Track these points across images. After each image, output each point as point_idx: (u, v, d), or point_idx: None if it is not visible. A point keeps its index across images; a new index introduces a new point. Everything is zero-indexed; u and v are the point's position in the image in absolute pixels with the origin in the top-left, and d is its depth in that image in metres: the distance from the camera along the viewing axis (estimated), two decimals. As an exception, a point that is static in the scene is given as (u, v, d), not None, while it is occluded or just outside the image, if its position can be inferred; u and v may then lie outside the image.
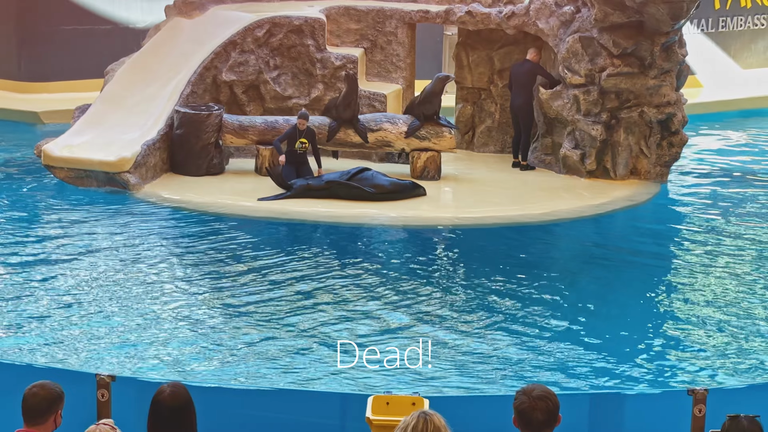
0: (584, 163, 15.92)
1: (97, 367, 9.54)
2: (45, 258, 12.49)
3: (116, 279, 11.90)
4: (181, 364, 9.90)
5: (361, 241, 13.78)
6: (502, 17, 16.55)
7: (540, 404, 4.90)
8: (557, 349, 10.35)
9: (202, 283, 11.90)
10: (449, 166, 16.23)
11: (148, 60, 16.65)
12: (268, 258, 12.70)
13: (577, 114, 15.84)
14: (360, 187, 14.64)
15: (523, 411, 4.90)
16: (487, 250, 13.48)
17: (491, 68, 17.46)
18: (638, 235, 14.18)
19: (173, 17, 17.34)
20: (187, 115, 15.59)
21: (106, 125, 15.67)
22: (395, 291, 11.76)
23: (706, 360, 10.25)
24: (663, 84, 15.69)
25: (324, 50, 16.76)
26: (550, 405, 4.91)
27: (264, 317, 10.99)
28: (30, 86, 21.70)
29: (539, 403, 4.90)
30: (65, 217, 13.99)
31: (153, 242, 13.18)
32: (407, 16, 17.27)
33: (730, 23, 24.53)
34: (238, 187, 15.17)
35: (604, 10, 15.38)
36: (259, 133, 15.74)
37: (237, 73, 16.56)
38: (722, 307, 11.51)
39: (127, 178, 14.86)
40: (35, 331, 10.49)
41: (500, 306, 11.39)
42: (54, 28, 21.88)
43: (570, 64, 15.80)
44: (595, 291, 12.18)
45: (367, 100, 16.60)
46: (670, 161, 16.05)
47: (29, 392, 5.53)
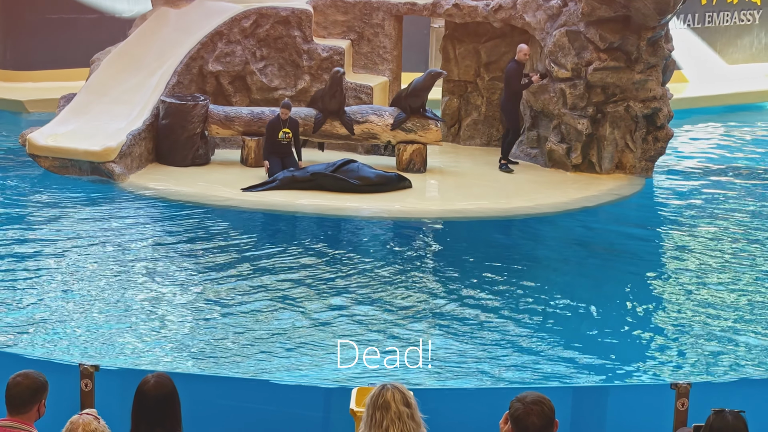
0: (570, 157, 15.94)
1: (81, 356, 9.52)
2: (28, 247, 12.44)
3: (100, 269, 11.87)
4: (165, 354, 9.89)
5: (345, 234, 13.77)
6: (489, 10, 16.55)
7: (535, 408, 4.90)
8: (540, 343, 10.37)
9: (185, 274, 11.88)
10: (435, 158, 16.24)
11: (134, 50, 16.60)
12: (252, 249, 12.69)
13: (563, 108, 15.87)
14: (345, 179, 14.63)
15: (518, 417, 4.91)
16: (472, 243, 13.49)
17: (478, 61, 17.46)
18: (623, 229, 14.21)
19: (160, 7, 17.28)
20: (173, 105, 15.55)
21: (92, 115, 15.62)
22: (379, 283, 11.76)
23: (690, 354, 10.29)
24: (649, 79, 15.72)
25: (311, 42, 16.74)
26: (545, 409, 4.91)
27: (248, 309, 10.98)
28: (15, 75, 21.61)
29: (534, 407, 4.90)
30: (50, 206, 13.94)
31: (137, 232, 13.15)
32: (394, 8, 17.25)
33: (716, 18, 24.59)
34: (223, 177, 15.15)
35: (591, 4, 15.39)
36: (245, 124, 15.72)
37: (223, 63, 16.53)
38: (706, 301, 11.56)
39: (112, 167, 14.81)
40: (16, 321, 10.46)
41: (483, 299, 11.40)
42: (39, 17, 21.79)
43: (557, 58, 15.82)
44: (579, 284, 12.20)
45: (353, 92, 16.59)
46: (655, 156, 16.09)
47: (12, 381, 5.51)
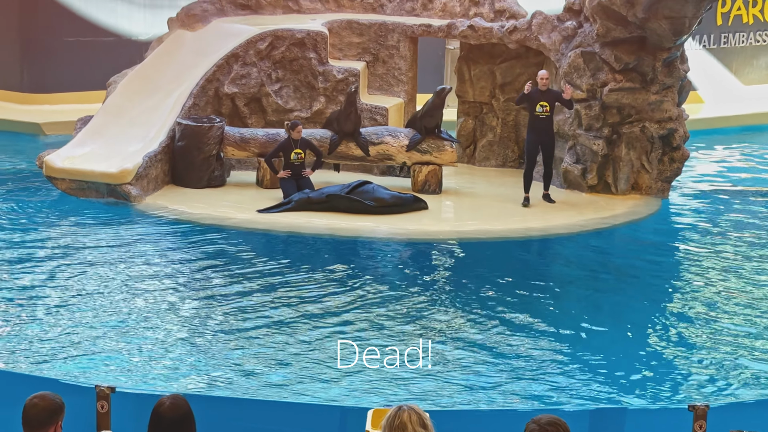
0: (585, 178, 15.92)
1: (97, 378, 9.53)
2: (45, 269, 12.48)
3: (115, 291, 11.89)
4: (180, 376, 9.89)
5: (361, 255, 13.77)
6: (504, 32, 16.58)
7: (550, 430, 4.89)
8: (558, 364, 10.34)
9: (201, 296, 11.89)
10: (450, 179, 16.24)
11: (151, 72, 16.68)
12: (268, 270, 12.69)
13: (578, 129, 15.86)
14: (361, 201, 14.64)
15: None
16: (488, 264, 13.47)
17: (493, 82, 17.48)
18: (639, 251, 14.17)
19: (176, 29, 17.37)
20: (189, 127, 15.61)
21: (108, 137, 15.69)
22: (395, 304, 11.74)
23: (708, 375, 10.23)
24: (665, 99, 15.71)
25: (326, 63, 16.79)
26: (560, 430, 4.90)
27: (263, 330, 10.98)
28: (32, 97, 21.74)
29: (549, 429, 4.89)
30: (66, 228, 13.98)
31: (153, 254, 13.18)
32: (409, 30, 17.30)
33: (732, 39, 24.57)
34: (238, 199, 15.18)
35: (606, 26, 15.40)
36: (261, 146, 15.76)
37: (239, 85, 16.58)
38: (723, 323, 11.50)
39: (129, 189, 14.86)
40: (34, 342, 10.48)
41: (500, 320, 11.37)
42: (57, 40, 21.93)
43: (572, 79, 15.82)
44: (595, 306, 12.16)
45: (368, 113, 16.62)
46: (671, 176, 16.05)
47: (30, 403, 5.52)
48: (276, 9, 17.97)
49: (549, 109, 14.92)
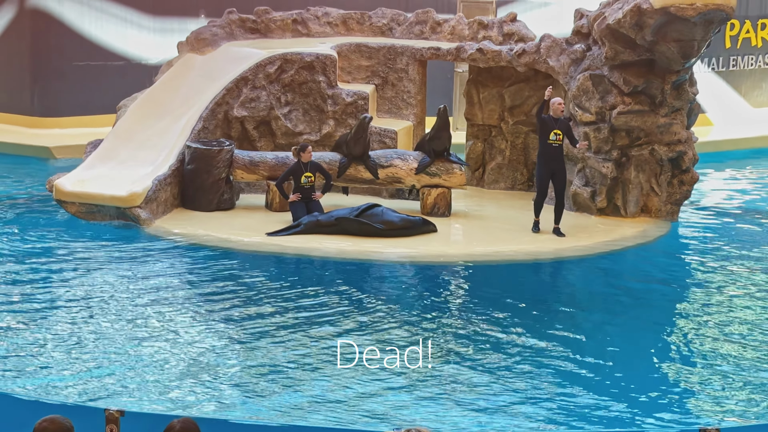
0: (595, 200, 15.91)
1: (106, 401, 9.52)
2: (54, 293, 12.49)
3: (124, 313, 11.89)
4: (189, 399, 9.87)
5: (370, 278, 13.76)
6: (513, 55, 16.61)
7: None
8: (567, 387, 10.30)
9: (211, 318, 11.89)
10: (459, 202, 16.23)
11: (160, 95, 16.73)
12: (278, 293, 12.69)
13: (587, 151, 15.86)
14: (370, 224, 14.63)
15: None
16: (497, 286, 13.45)
17: (502, 105, 17.50)
18: (649, 274, 14.13)
19: (185, 53, 17.44)
20: (199, 150, 15.64)
21: (118, 160, 15.73)
22: (405, 327, 11.72)
23: (718, 398, 10.19)
24: (674, 122, 15.71)
25: (335, 87, 16.83)
26: None
27: (273, 353, 10.96)
28: (43, 121, 21.83)
29: None
30: (76, 252, 14.00)
31: (162, 277, 13.18)
32: (418, 53, 17.34)
33: (741, 62, 24.58)
34: (248, 222, 15.19)
35: (614, 49, 15.43)
36: (270, 169, 15.78)
37: (248, 108, 16.63)
38: (734, 346, 11.46)
39: (138, 213, 14.89)
40: (42, 365, 10.47)
41: (510, 343, 11.35)
42: (67, 64, 22.03)
43: (580, 102, 15.84)
44: (605, 328, 12.13)
45: (377, 136, 16.65)
46: (680, 199, 16.03)
47: (39, 426, 5.52)
48: (285, 33, 18.04)
49: (562, 138, 14.62)
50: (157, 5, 22.76)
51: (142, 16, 22.63)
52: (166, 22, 22.69)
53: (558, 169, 14.74)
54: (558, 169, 14.75)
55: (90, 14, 22.23)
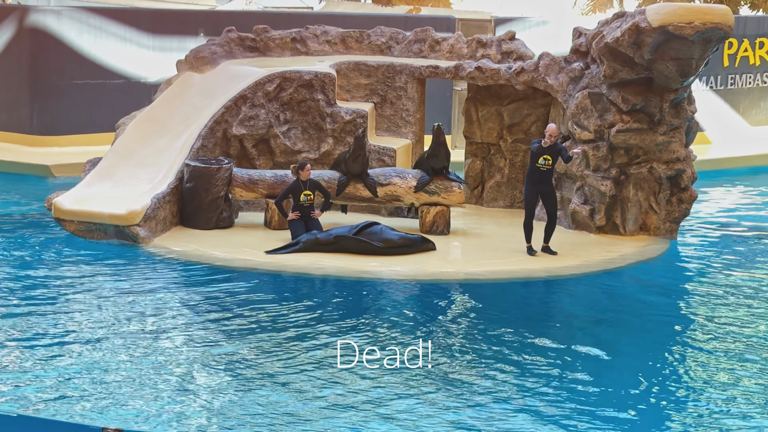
0: (593, 218, 15.91)
1: (105, 420, 9.49)
2: (51, 311, 12.47)
3: (121, 332, 11.87)
4: (186, 418, 9.85)
5: (369, 296, 13.74)
6: (512, 73, 16.64)
7: None
8: (564, 407, 10.27)
9: (208, 337, 11.86)
10: (458, 220, 16.23)
11: (159, 114, 16.76)
12: (275, 311, 12.67)
13: (586, 169, 15.87)
14: (368, 242, 14.62)
15: None
16: (496, 304, 13.43)
17: (500, 123, 17.53)
18: (648, 291, 14.12)
19: (184, 72, 17.47)
20: (197, 168, 15.65)
21: (117, 178, 15.74)
22: (402, 345, 11.70)
23: (717, 419, 10.16)
24: (672, 140, 15.73)
25: (334, 105, 16.86)
26: None
27: (269, 372, 10.93)
28: (41, 140, 21.87)
29: None
30: (74, 270, 13.99)
31: (161, 296, 13.16)
32: (417, 72, 17.37)
33: (739, 81, 24.64)
34: (246, 240, 15.18)
35: (613, 67, 15.45)
36: (269, 187, 15.78)
37: (247, 127, 16.64)
38: (734, 365, 11.44)
39: (137, 231, 14.88)
40: (39, 383, 10.44)
41: (509, 361, 11.32)
42: (66, 83, 22.07)
43: (579, 120, 15.85)
44: (604, 347, 12.10)
45: (376, 154, 16.66)
46: (679, 217, 16.04)
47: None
48: (284, 51, 18.08)
49: (551, 163, 14.59)
50: (156, 24, 22.83)
51: (141, 34, 22.69)
52: (165, 41, 22.74)
53: (546, 191, 14.75)
54: (546, 191, 14.75)
55: (89, 33, 22.28)
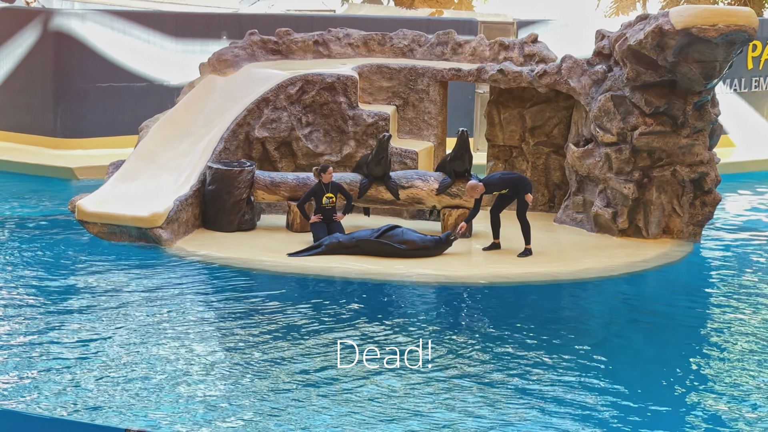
0: (616, 221, 15.86)
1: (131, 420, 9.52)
2: (74, 313, 12.52)
3: (144, 334, 11.90)
4: (209, 419, 9.87)
5: (391, 298, 13.73)
6: (534, 76, 16.61)
7: None
8: (589, 410, 10.24)
9: (231, 340, 11.88)
10: (480, 223, 16.20)
11: (182, 116, 16.81)
12: (298, 314, 12.68)
13: (608, 172, 15.82)
14: (391, 244, 14.62)
15: None
16: (519, 307, 13.41)
17: (523, 126, 17.50)
18: (671, 295, 14.06)
19: (207, 74, 17.53)
20: (220, 171, 15.69)
21: (140, 181, 15.80)
22: (425, 348, 11.68)
23: (742, 424, 10.11)
24: (696, 143, 15.66)
25: (356, 107, 16.87)
26: None
27: (292, 374, 10.94)
28: (65, 142, 21.97)
29: None
30: (97, 272, 14.05)
31: (183, 298, 13.20)
32: (439, 74, 17.36)
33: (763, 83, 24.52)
34: (268, 243, 15.20)
35: (636, 69, 15.40)
36: (291, 190, 15.81)
37: (269, 129, 16.67)
38: (759, 369, 11.37)
39: (159, 233, 14.93)
40: (63, 385, 10.49)
41: (531, 364, 11.29)
42: (90, 86, 22.17)
43: (602, 123, 15.81)
44: (629, 351, 12.06)
45: (398, 157, 16.66)
46: (702, 220, 15.96)
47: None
48: (306, 54, 18.11)
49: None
50: (179, 27, 22.91)
51: (164, 37, 22.77)
52: (188, 44, 22.82)
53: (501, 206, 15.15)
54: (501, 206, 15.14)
55: (113, 36, 22.38)
